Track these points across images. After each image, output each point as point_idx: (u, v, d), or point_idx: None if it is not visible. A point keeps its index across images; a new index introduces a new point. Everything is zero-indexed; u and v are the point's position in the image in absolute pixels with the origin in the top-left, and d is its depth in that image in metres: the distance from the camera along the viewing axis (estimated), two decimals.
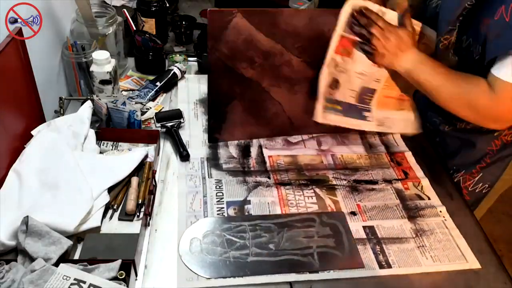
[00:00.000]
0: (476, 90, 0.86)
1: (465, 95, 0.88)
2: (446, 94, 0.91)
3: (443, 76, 0.91)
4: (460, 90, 0.89)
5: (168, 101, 1.22)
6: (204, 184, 0.97)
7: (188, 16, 1.53)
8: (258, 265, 0.81)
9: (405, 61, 0.94)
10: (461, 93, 0.89)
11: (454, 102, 0.91)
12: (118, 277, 0.69)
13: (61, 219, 0.77)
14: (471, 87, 0.87)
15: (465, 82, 0.89)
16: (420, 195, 1.00)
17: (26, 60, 0.91)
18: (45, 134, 0.91)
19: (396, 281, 0.82)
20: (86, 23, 1.16)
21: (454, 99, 0.90)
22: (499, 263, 0.87)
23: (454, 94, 0.90)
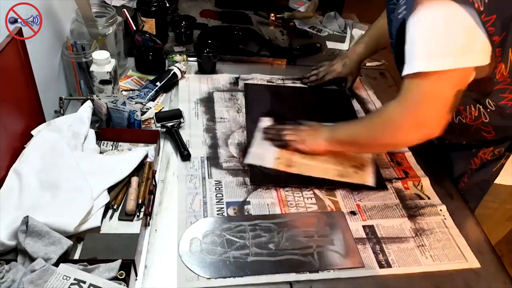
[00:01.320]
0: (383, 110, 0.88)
1: (376, 121, 0.90)
2: (363, 132, 0.93)
3: (355, 123, 0.99)
4: (370, 121, 0.93)
5: (168, 101, 1.22)
6: (204, 185, 0.97)
7: (188, 16, 1.53)
8: (258, 265, 0.81)
9: (322, 134, 1.00)
10: (373, 121, 0.92)
11: (372, 134, 0.91)
12: (118, 277, 0.69)
13: (61, 219, 0.77)
14: (379, 111, 0.91)
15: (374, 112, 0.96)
16: (420, 195, 1.00)
17: (26, 60, 0.91)
18: (45, 134, 0.91)
19: (396, 281, 0.82)
20: (86, 23, 1.16)
21: (371, 131, 0.91)
22: (499, 263, 0.87)
23: (368, 127, 0.92)
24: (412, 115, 0.81)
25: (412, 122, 0.82)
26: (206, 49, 1.34)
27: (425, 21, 0.73)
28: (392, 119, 0.84)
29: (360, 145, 0.97)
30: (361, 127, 0.95)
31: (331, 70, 1.31)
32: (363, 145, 0.97)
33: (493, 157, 0.98)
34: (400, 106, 0.82)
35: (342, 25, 1.73)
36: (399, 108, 0.82)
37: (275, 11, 1.69)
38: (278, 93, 1.30)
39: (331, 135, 0.98)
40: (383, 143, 0.92)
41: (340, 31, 1.71)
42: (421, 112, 0.80)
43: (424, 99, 0.79)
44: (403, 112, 0.82)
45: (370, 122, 0.93)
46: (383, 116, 0.88)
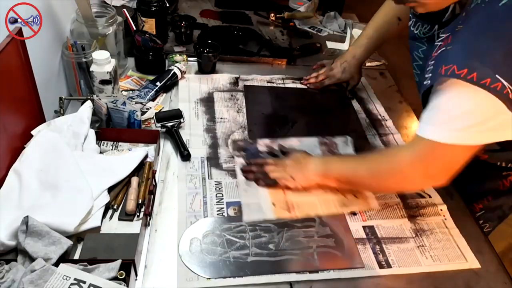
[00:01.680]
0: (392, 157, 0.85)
1: (383, 166, 0.85)
2: (365, 174, 0.88)
3: (353, 161, 0.93)
4: (376, 165, 0.86)
5: (168, 101, 1.22)
6: (204, 185, 0.97)
7: (188, 16, 1.53)
8: (258, 265, 0.81)
9: (312, 169, 0.93)
10: (379, 165, 0.86)
11: (376, 179, 0.87)
12: (118, 277, 0.69)
13: (61, 219, 0.77)
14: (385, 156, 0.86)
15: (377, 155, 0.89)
16: (420, 194, 1.00)
17: (26, 60, 0.91)
18: (45, 134, 0.91)
19: (396, 281, 0.82)
20: (86, 23, 1.16)
21: (375, 175, 0.86)
22: (499, 263, 0.87)
23: (373, 170, 0.87)
24: (424, 169, 0.79)
25: (422, 174, 0.81)
26: (206, 49, 1.34)
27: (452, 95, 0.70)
28: (402, 168, 0.81)
29: (358, 185, 0.93)
30: (364, 168, 0.88)
31: (330, 75, 1.31)
32: (362, 185, 0.92)
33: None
34: (412, 158, 0.79)
35: (342, 25, 1.73)
36: (410, 159, 0.80)
37: (275, 11, 1.69)
38: (278, 94, 1.30)
39: (323, 170, 0.92)
40: (385, 187, 0.90)
41: (340, 31, 1.71)
42: (433, 167, 0.79)
43: (438, 158, 0.76)
44: (415, 164, 0.79)
45: (376, 166, 0.86)
46: (392, 163, 0.83)
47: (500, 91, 0.64)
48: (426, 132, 0.74)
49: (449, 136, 0.71)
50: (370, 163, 0.88)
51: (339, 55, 1.49)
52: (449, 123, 0.71)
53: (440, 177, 0.80)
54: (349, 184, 0.92)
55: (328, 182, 0.93)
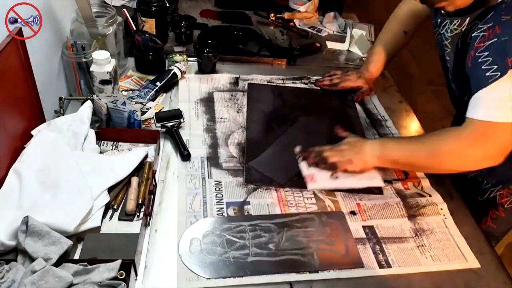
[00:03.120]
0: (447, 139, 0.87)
1: (439, 148, 0.88)
2: (421, 157, 0.91)
3: (409, 144, 0.95)
4: (432, 147, 0.90)
5: (168, 101, 1.22)
6: (204, 185, 0.97)
7: (188, 16, 1.53)
8: (258, 265, 0.81)
9: (369, 152, 0.97)
10: (436, 148, 0.89)
11: (432, 161, 0.91)
12: (118, 277, 0.69)
13: (61, 219, 0.77)
14: (442, 139, 0.89)
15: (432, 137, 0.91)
16: (421, 193, 1.01)
17: (26, 60, 0.91)
18: (45, 134, 0.91)
19: (396, 281, 0.82)
20: (86, 23, 1.16)
21: (431, 157, 0.90)
22: (499, 263, 0.87)
23: (429, 153, 0.90)
24: (483, 149, 0.84)
25: (481, 154, 0.85)
26: (206, 49, 1.34)
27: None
28: (462, 149, 0.86)
29: (414, 166, 0.95)
30: (423, 149, 0.91)
31: (345, 79, 1.32)
32: (420, 166, 0.95)
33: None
34: (471, 138, 0.84)
35: (342, 25, 1.73)
36: (470, 140, 0.84)
37: (275, 11, 1.69)
38: (280, 93, 1.30)
39: (381, 153, 0.96)
40: (445, 167, 0.92)
41: (340, 31, 1.71)
42: (492, 146, 0.83)
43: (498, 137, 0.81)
44: (475, 144, 0.84)
45: (435, 147, 0.89)
46: (452, 144, 0.87)
47: None
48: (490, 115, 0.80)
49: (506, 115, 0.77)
50: (429, 144, 0.90)
51: (339, 55, 1.49)
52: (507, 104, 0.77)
53: (497, 156, 0.84)
54: (406, 166, 0.96)
55: (385, 164, 0.97)
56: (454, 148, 0.86)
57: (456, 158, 0.87)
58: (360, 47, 1.59)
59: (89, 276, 0.69)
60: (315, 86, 1.35)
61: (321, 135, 1.14)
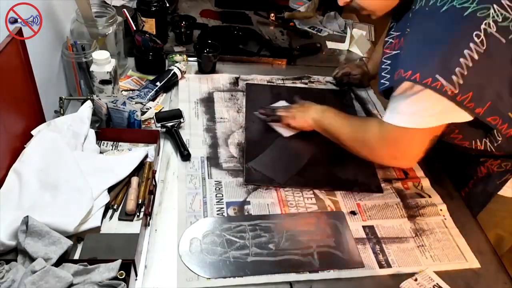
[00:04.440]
0: (367, 129, 0.92)
1: (359, 134, 0.95)
2: (345, 135, 0.98)
3: (343, 119, 1.01)
4: (355, 130, 0.97)
5: (168, 101, 1.22)
6: (204, 185, 0.97)
7: (188, 16, 1.53)
8: (258, 265, 0.81)
9: (312, 113, 1.06)
10: (357, 132, 0.96)
11: (351, 142, 0.97)
12: (118, 277, 0.69)
13: (61, 219, 0.77)
14: (364, 127, 0.94)
15: (360, 122, 1.00)
16: (420, 194, 1.01)
17: (26, 60, 0.91)
18: (45, 134, 0.91)
19: (396, 281, 0.82)
20: (86, 23, 1.16)
21: (351, 139, 0.97)
22: (499, 263, 0.87)
23: (351, 134, 0.97)
24: (389, 149, 0.90)
25: (388, 154, 0.92)
26: (206, 49, 1.34)
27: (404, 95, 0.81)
28: (371, 144, 0.91)
29: (339, 142, 1.00)
30: (346, 130, 0.98)
31: (345, 66, 1.38)
32: (343, 144, 0.99)
33: (499, 170, 0.98)
34: (380, 139, 0.89)
35: (342, 25, 1.73)
36: (378, 139, 0.89)
37: (275, 11, 1.69)
38: (279, 93, 1.30)
39: (319, 118, 1.04)
40: (360, 154, 0.97)
41: (340, 31, 1.71)
42: (396, 149, 0.89)
43: (401, 142, 0.87)
44: (382, 143, 0.89)
45: (353, 132, 0.97)
46: (365, 136, 0.93)
47: (439, 89, 0.74)
48: (390, 119, 0.86)
49: (404, 120, 0.83)
50: (351, 127, 0.98)
51: (339, 55, 1.49)
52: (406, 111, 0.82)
53: (405, 159, 0.94)
54: (334, 138, 1.01)
55: (319, 129, 1.05)
56: (369, 142, 0.92)
57: (370, 150, 0.94)
58: (360, 47, 1.59)
59: (89, 276, 0.69)
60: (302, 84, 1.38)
61: (320, 134, 1.13)
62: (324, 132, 1.04)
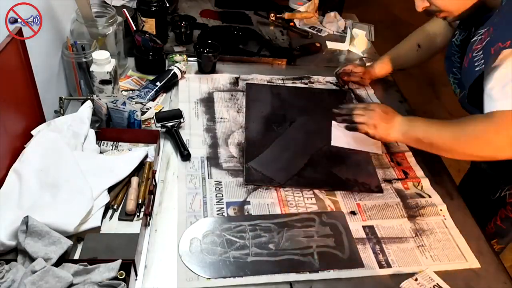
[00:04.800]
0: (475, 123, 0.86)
1: (467, 131, 0.87)
2: (448, 138, 0.89)
3: (438, 124, 0.92)
4: (460, 128, 0.88)
5: (168, 101, 1.22)
6: (204, 185, 0.97)
7: (188, 16, 1.53)
8: (258, 265, 0.81)
9: (397, 126, 0.95)
10: (464, 130, 0.87)
11: (459, 143, 0.88)
12: (118, 277, 0.69)
13: (61, 219, 0.77)
14: (469, 122, 0.87)
15: (459, 121, 0.89)
16: (420, 194, 1.00)
17: (26, 60, 0.91)
18: (45, 134, 0.91)
19: (396, 281, 0.82)
20: (86, 23, 1.16)
21: (458, 140, 0.88)
22: (499, 263, 0.87)
23: (456, 134, 0.88)
24: (507, 135, 0.82)
25: (506, 141, 0.83)
26: (206, 49, 1.34)
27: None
28: (486, 134, 0.84)
29: (438, 148, 0.92)
30: (449, 131, 0.89)
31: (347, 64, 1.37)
32: (441, 148, 0.92)
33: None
34: (497, 124, 0.82)
35: (342, 25, 1.73)
36: (495, 125, 0.82)
37: (275, 11, 1.69)
38: (279, 93, 1.30)
39: (407, 129, 0.94)
40: (467, 152, 0.90)
41: (340, 31, 1.71)
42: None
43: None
44: (500, 131, 0.82)
45: (460, 129, 0.88)
46: (477, 128, 0.86)
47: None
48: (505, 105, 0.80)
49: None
50: (455, 127, 0.89)
51: (339, 55, 1.49)
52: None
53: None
54: (429, 146, 0.93)
55: (408, 141, 0.97)
56: (480, 132, 0.85)
57: (480, 142, 0.86)
58: (360, 47, 1.59)
59: (89, 276, 0.69)
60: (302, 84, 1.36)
61: (320, 134, 1.14)
62: (416, 142, 0.94)
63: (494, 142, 0.84)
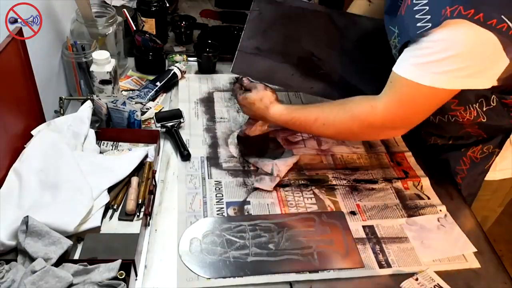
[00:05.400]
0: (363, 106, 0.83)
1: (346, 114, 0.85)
2: (326, 121, 0.88)
3: (315, 107, 0.91)
4: (338, 112, 0.86)
5: (168, 101, 1.22)
6: (204, 185, 0.97)
7: (188, 16, 1.53)
8: (258, 265, 0.81)
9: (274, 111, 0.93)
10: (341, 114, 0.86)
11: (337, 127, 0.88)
12: (118, 277, 0.69)
13: (61, 219, 0.77)
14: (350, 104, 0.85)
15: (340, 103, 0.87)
16: (419, 195, 1.00)
17: (26, 60, 0.91)
18: (45, 134, 0.91)
19: (396, 281, 0.82)
20: (86, 23, 1.16)
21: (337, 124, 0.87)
22: (499, 263, 0.87)
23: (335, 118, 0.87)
24: (394, 118, 0.81)
25: (390, 124, 0.83)
26: (206, 49, 1.34)
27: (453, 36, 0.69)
28: (370, 116, 0.82)
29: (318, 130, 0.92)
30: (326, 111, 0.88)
31: None
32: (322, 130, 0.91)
33: (482, 155, 0.98)
34: (385, 104, 0.80)
35: None
36: (383, 105, 0.80)
37: None
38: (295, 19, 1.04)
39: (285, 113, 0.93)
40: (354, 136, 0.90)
41: None
42: (404, 116, 0.81)
43: (412, 106, 0.79)
44: (385, 111, 0.81)
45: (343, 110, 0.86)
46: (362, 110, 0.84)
47: (505, 32, 0.65)
48: (410, 73, 0.74)
49: (431, 78, 0.72)
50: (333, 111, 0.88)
51: None
52: (436, 65, 0.71)
53: (407, 127, 0.84)
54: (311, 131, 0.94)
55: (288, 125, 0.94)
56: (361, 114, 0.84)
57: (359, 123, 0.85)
58: None
59: (89, 276, 0.69)
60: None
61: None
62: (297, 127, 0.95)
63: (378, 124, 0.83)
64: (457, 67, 0.70)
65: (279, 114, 0.93)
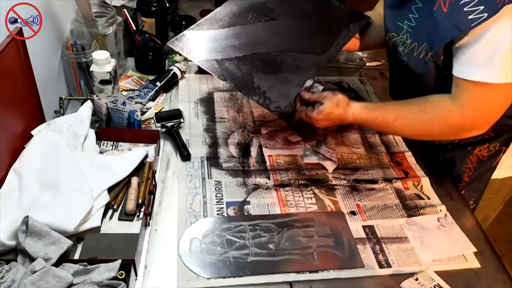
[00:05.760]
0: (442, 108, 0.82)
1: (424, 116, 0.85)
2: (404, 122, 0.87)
3: (393, 106, 0.89)
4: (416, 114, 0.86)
5: (168, 101, 1.22)
6: (204, 185, 0.97)
7: (188, 16, 1.54)
8: (258, 265, 0.81)
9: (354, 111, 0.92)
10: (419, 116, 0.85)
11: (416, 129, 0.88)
12: (118, 277, 0.69)
13: (61, 219, 0.77)
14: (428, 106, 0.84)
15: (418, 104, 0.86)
16: (419, 195, 1.00)
17: (26, 60, 0.91)
18: (45, 134, 0.91)
19: (396, 281, 0.82)
20: (86, 23, 1.16)
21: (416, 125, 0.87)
22: (499, 263, 0.87)
23: (413, 120, 0.87)
24: (472, 119, 0.80)
25: (468, 125, 0.82)
26: None
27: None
28: (449, 119, 0.82)
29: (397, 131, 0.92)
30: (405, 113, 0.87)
31: None
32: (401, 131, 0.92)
33: (489, 153, 0.98)
34: (462, 109, 0.79)
35: None
36: (459, 110, 0.80)
37: None
38: None
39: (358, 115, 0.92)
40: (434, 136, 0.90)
41: None
42: (482, 116, 0.80)
43: (488, 105, 0.77)
44: (463, 115, 0.80)
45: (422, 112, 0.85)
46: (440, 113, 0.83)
47: None
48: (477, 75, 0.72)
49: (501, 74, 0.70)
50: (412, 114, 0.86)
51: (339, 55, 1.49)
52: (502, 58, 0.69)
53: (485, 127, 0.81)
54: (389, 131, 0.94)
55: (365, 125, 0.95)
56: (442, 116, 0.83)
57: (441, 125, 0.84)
58: None
59: (89, 276, 0.69)
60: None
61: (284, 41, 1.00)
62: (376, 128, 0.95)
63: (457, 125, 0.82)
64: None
65: (358, 113, 0.92)
